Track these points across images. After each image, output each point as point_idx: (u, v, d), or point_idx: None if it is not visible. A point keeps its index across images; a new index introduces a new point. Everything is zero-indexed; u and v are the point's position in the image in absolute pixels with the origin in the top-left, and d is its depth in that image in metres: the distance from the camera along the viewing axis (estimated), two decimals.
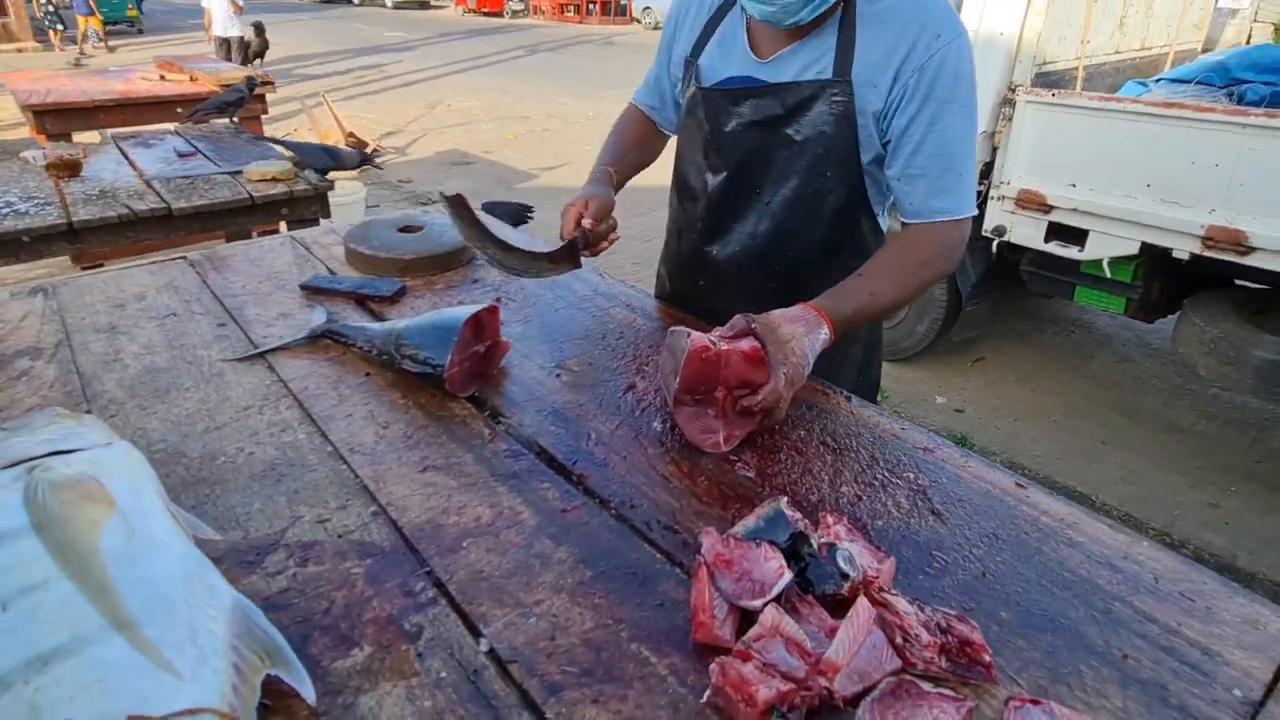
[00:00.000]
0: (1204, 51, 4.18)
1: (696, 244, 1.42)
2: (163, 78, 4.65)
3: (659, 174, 1.58)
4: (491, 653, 0.69)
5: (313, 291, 1.48)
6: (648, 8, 21.41)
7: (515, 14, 18.79)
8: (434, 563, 0.79)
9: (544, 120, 9.35)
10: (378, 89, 11.32)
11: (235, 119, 3.53)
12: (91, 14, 15.02)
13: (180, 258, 1.67)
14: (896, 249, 1.19)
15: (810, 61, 1.18)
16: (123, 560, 0.63)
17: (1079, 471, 3.06)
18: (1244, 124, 2.53)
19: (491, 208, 2.08)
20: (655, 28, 18.77)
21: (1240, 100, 2.99)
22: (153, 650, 0.57)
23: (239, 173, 2.84)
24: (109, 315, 1.35)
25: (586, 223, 1.25)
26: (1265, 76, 3.03)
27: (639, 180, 1.51)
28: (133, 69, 5.03)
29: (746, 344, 0.99)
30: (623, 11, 23.18)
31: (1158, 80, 3.40)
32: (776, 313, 1.04)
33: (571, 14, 22.52)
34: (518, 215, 2.38)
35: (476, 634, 0.71)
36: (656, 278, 1.64)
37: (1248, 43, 5.03)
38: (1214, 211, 2.64)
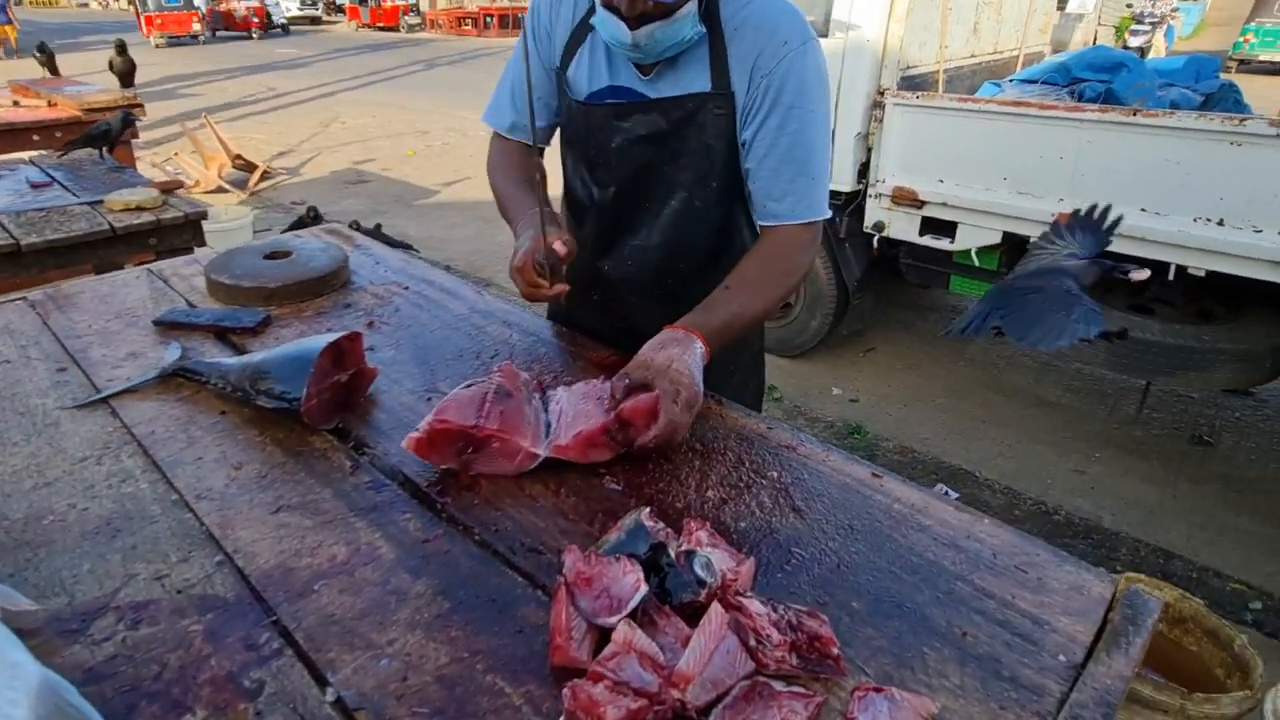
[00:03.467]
0: (1053, 53, 4.52)
1: (588, 260, 1.39)
2: (16, 104, 4.28)
3: None
4: (338, 702, 0.66)
5: (168, 327, 1.40)
6: None
7: (412, 28, 18.33)
8: (281, 610, 0.75)
9: (443, 135, 9.18)
10: (268, 108, 10.84)
11: (106, 152, 3.27)
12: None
13: (20, 298, 1.54)
14: (759, 259, 1.21)
15: (687, 76, 1.19)
16: None
17: (962, 450, 3.24)
18: (1081, 119, 2.75)
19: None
20: None
21: (1080, 98, 3.25)
22: None
23: (100, 203, 2.64)
24: None
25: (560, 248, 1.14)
26: (1100, 75, 3.31)
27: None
28: None
29: (631, 404, 0.99)
30: (520, 25, 22.81)
31: (1010, 81, 3.65)
32: (645, 350, 1.05)
33: (469, 27, 22.19)
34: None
35: (323, 683, 0.68)
36: None
37: (1093, 44, 5.48)
38: (1062, 200, 2.86)
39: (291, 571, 0.81)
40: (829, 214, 1.24)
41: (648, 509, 0.85)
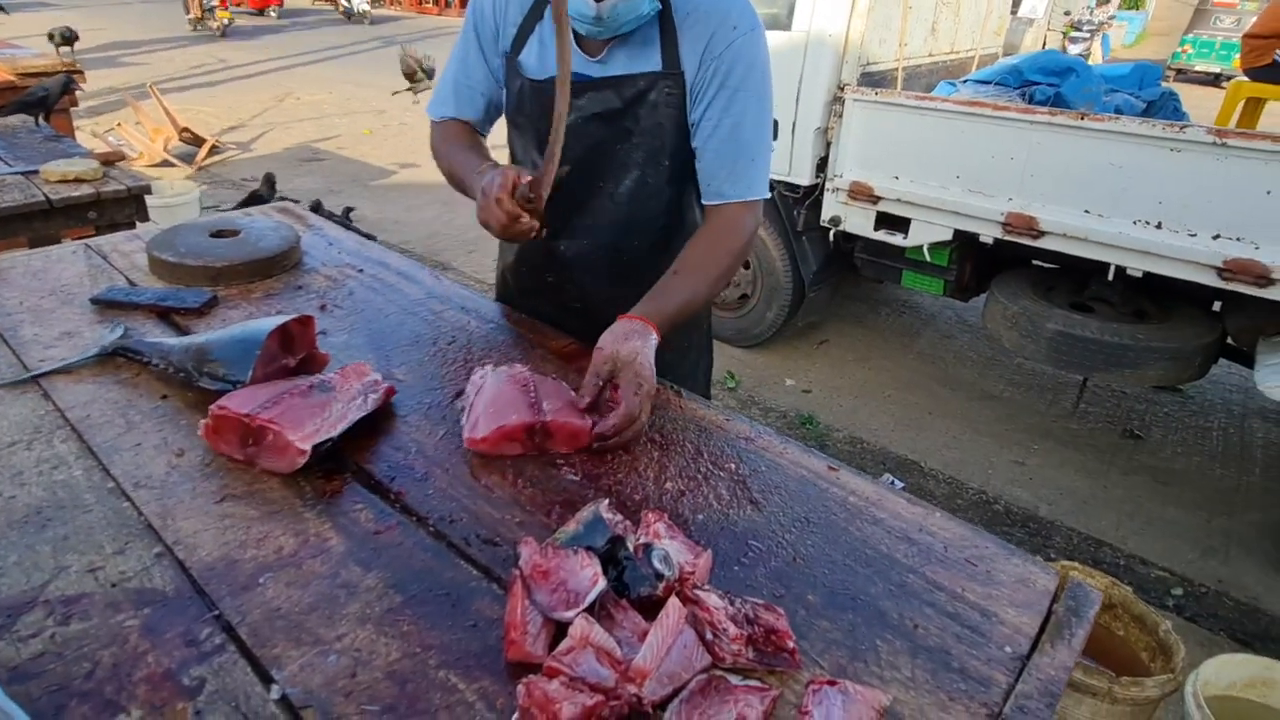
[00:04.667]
0: (1005, 55, 4.62)
1: (542, 241, 1.35)
2: None
3: None
4: (283, 699, 0.64)
5: (106, 305, 1.33)
6: None
7: (372, 3, 17.78)
8: (224, 604, 0.73)
9: (400, 114, 8.92)
10: (217, 80, 10.36)
11: (42, 120, 3.08)
12: None
13: None
14: (706, 241, 1.23)
15: (638, 56, 1.21)
16: None
17: (910, 441, 3.32)
18: (1032, 121, 2.82)
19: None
20: None
21: (1030, 100, 3.33)
22: None
23: (35, 173, 2.49)
24: None
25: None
26: (1050, 79, 3.40)
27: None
28: None
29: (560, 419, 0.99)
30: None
31: (965, 81, 3.72)
32: (606, 342, 1.04)
33: (430, 5, 21.62)
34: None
35: (268, 680, 0.65)
36: (497, 279, 1.60)
37: (1043, 48, 5.62)
38: (1011, 200, 2.93)
39: (236, 564, 0.78)
40: (768, 194, 1.27)
41: (606, 501, 0.84)
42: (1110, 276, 2.86)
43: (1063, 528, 2.85)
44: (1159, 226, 2.67)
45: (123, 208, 2.56)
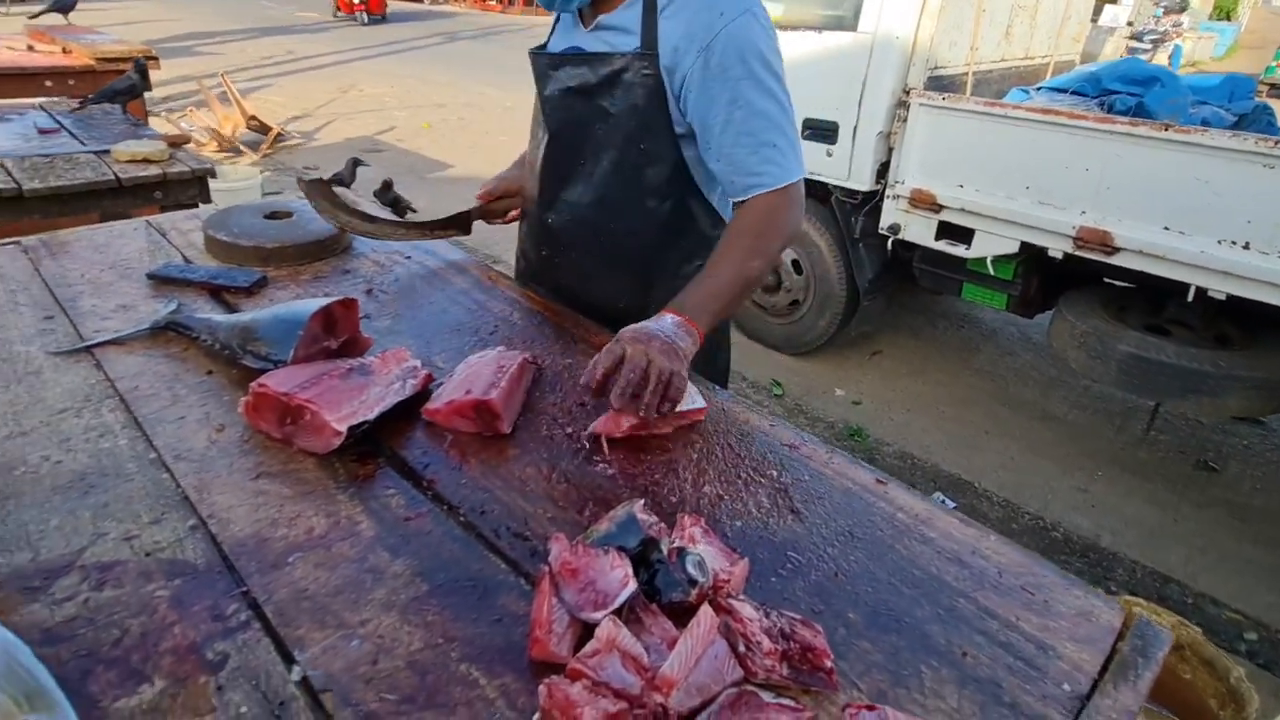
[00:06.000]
0: (1082, 63, 4.43)
1: (536, 213, 1.44)
2: (31, 48, 4.23)
3: None
4: (304, 681, 0.63)
5: (162, 281, 1.36)
6: None
7: (435, 0, 18.37)
8: (252, 581, 0.72)
9: (460, 109, 9.08)
10: (285, 71, 10.72)
11: (125, 108, 3.23)
12: None
13: (12, 243, 1.50)
14: (730, 235, 1.19)
15: (621, 33, 1.20)
16: None
17: (964, 460, 3.20)
18: (1111, 131, 2.68)
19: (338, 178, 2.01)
20: None
21: (1109, 109, 3.17)
22: None
23: (106, 152, 2.60)
24: None
25: (478, 198, 1.51)
26: (1131, 88, 3.23)
27: None
28: None
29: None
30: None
31: (1039, 88, 3.57)
32: (625, 330, 1.04)
33: (493, 2, 22.06)
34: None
35: (290, 661, 0.64)
36: (516, 258, 1.62)
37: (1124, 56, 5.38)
38: (1084, 213, 2.79)
39: (266, 541, 0.77)
40: (802, 172, 1.20)
41: (642, 501, 0.81)
42: (1190, 298, 2.69)
43: (1126, 560, 2.70)
44: (1246, 247, 2.50)
45: (187, 189, 2.64)
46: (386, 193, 3.13)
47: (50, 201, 2.40)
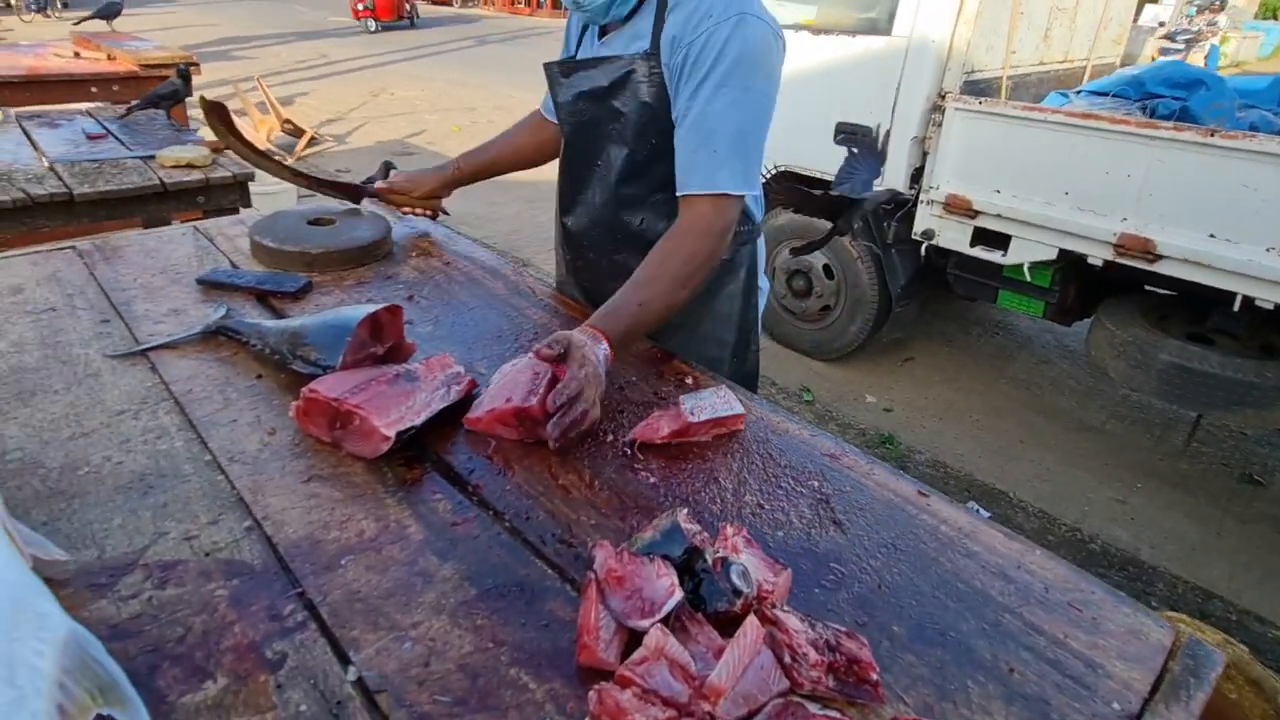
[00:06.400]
0: (1122, 66, 4.35)
1: (558, 217, 1.49)
2: (77, 54, 4.37)
3: None
4: (359, 682, 0.64)
5: (211, 286, 1.40)
6: None
7: (464, 3, 18.58)
8: (307, 583, 0.74)
9: (490, 113, 9.17)
10: (319, 75, 10.94)
11: (169, 114, 3.32)
12: None
13: (69, 247, 1.55)
14: (664, 249, 1.18)
15: (634, 38, 1.25)
16: None
17: (997, 469, 3.15)
18: (1154, 136, 2.63)
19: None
20: None
21: (1152, 114, 3.12)
22: None
23: (152, 158, 2.68)
24: None
25: (379, 184, 1.63)
26: (1175, 92, 3.17)
27: None
28: (47, 44, 4.70)
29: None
30: None
31: (1078, 92, 3.52)
32: (571, 332, 1.06)
33: (522, 5, 22.26)
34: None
35: (345, 661, 0.66)
36: (555, 265, 1.66)
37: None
38: (1126, 220, 2.75)
39: (319, 544, 0.79)
40: (735, 191, 1.18)
41: (685, 510, 0.82)
42: (1236, 307, 2.63)
43: (1166, 574, 2.65)
44: None
45: (228, 193, 2.71)
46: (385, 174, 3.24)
47: (98, 206, 2.47)
